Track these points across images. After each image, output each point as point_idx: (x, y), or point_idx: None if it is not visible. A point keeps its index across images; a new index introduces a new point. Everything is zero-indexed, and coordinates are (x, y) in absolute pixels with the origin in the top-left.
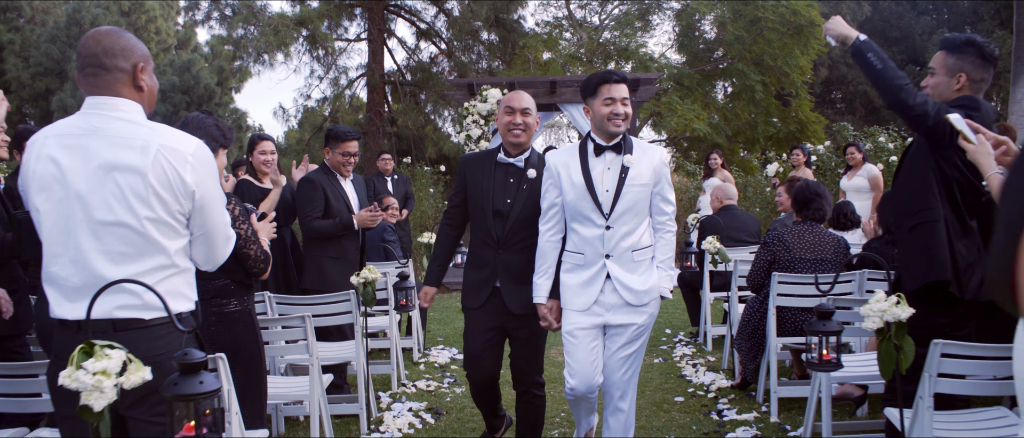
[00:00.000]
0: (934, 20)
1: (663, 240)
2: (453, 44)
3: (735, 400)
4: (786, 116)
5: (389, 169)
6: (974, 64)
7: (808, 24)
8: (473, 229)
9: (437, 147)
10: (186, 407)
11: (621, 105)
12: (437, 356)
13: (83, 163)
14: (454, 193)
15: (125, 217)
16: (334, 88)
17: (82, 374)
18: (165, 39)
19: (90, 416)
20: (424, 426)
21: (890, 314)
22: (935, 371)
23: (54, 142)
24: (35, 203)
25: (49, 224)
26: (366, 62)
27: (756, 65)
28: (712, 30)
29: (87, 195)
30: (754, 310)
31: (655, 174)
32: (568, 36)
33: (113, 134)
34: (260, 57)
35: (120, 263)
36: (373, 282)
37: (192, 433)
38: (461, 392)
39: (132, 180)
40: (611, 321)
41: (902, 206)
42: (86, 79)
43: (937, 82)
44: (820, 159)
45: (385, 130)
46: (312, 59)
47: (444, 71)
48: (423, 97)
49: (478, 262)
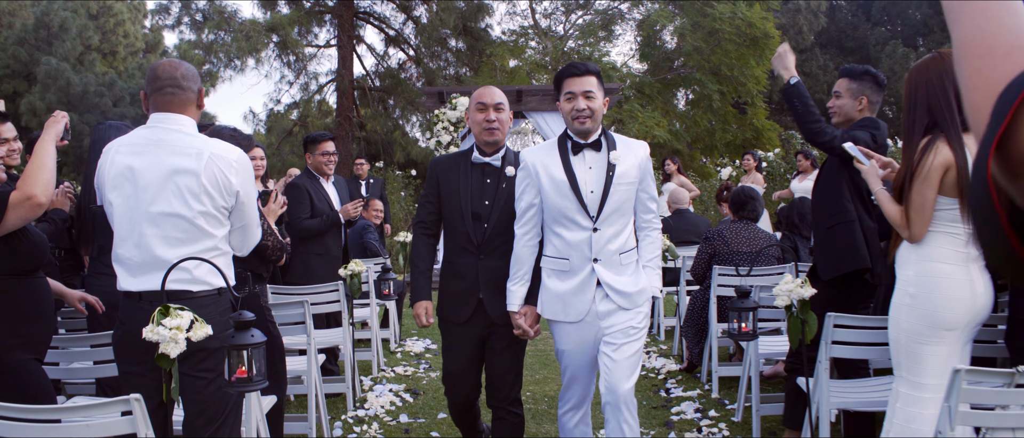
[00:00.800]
0: (888, 31)
1: (648, 239)
2: (421, 51)
3: (682, 381)
4: (743, 123)
5: (364, 173)
6: (872, 89)
7: (763, 36)
8: (449, 236)
9: (405, 152)
10: (239, 355)
11: (583, 100)
12: (412, 346)
13: (150, 167)
14: (425, 199)
15: (181, 210)
16: (304, 93)
17: (162, 329)
18: (133, 43)
19: (165, 362)
20: (403, 404)
21: (796, 293)
22: (830, 339)
23: (126, 150)
24: (109, 198)
25: (120, 215)
26: (336, 68)
27: (714, 75)
28: (672, 40)
29: (152, 192)
30: (697, 300)
31: (640, 171)
32: (534, 44)
33: (174, 144)
34: (232, 62)
35: (175, 247)
36: (359, 274)
37: (244, 375)
38: (436, 376)
39: (189, 181)
40: (606, 327)
41: (820, 209)
42: (162, 98)
43: (843, 104)
44: (770, 165)
45: (354, 135)
46: (282, 64)
47: (412, 77)
48: (392, 103)
49: (456, 271)
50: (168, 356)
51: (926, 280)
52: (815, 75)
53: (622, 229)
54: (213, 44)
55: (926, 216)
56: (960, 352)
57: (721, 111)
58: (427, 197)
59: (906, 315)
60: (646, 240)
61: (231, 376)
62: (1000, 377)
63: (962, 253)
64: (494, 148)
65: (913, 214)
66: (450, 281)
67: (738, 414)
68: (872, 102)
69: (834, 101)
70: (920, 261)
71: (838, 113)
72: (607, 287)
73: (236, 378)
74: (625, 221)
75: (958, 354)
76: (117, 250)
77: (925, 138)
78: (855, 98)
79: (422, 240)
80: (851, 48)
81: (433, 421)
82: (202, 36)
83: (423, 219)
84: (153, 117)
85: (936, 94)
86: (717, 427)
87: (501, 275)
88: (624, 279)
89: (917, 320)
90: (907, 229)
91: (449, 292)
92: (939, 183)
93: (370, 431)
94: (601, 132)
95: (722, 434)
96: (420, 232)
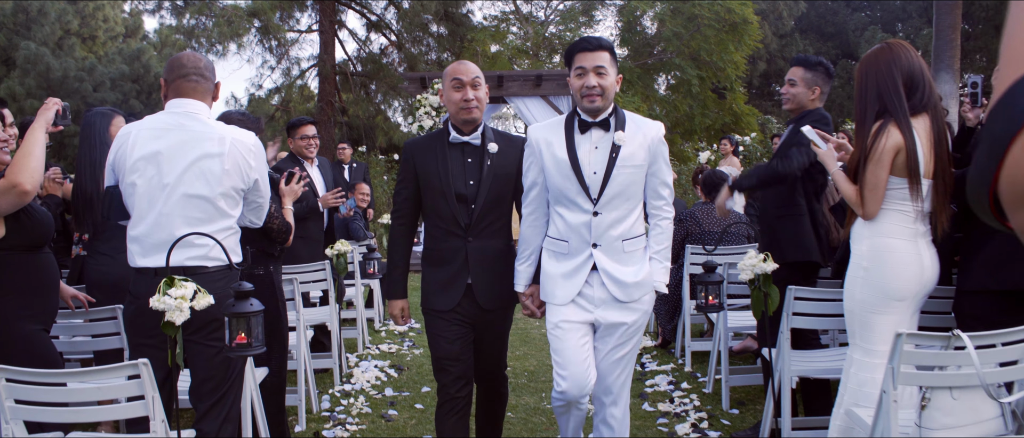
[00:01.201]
0: (867, 17)
1: (658, 228)
2: (403, 36)
3: (657, 356)
4: (722, 108)
5: (347, 157)
6: (824, 80)
7: (742, 22)
8: (431, 220)
9: (387, 136)
10: (239, 322)
11: (594, 76)
12: (396, 325)
13: (175, 150)
14: (401, 184)
15: (205, 192)
16: (286, 78)
17: (168, 299)
18: (113, 27)
19: (170, 329)
20: (388, 379)
21: (758, 268)
22: (791, 311)
23: (148, 134)
24: (131, 180)
25: (141, 195)
26: (317, 53)
27: (694, 60)
28: (653, 25)
29: (177, 175)
30: (670, 278)
31: (650, 153)
32: (515, 29)
33: (196, 129)
34: (213, 47)
35: (195, 226)
36: (345, 254)
37: (244, 341)
38: (420, 353)
39: (213, 165)
40: (600, 319)
41: (771, 198)
42: (186, 84)
43: (797, 92)
44: (747, 148)
45: (336, 120)
46: (264, 50)
47: (394, 62)
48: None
49: (441, 257)
50: (173, 323)
51: (878, 254)
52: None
53: (626, 214)
54: (194, 29)
55: (879, 195)
56: (909, 320)
57: (700, 96)
58: (404, 181)
59: (859, 286)
60: (655, 229)
61: (232, 341)
62: (938, 340)
63: (911, 229)
64: (472, 127)
65: (867, 193)
66: (434, 269)
67: (709, 386)
68: (823, 92)
69: (788, 89)
70: (872, 236)
71: (792, 101)
72: (604, 274)
73: (236, 343)
74: (631, 206)
75: (907, 323)
76: (135, 229)
77: (877, 123)
78: (809, 88)
79: (399, 231)
80: (831, 33)
81: (417, 394)
82: (183, 21)
83: (399, 206)
84: (174, 102)
85: (885, 82)
86: (689, 398)
87: (490, 256)
88: (624, 269)
89: (870, 291)
90: (861, 207)
91: (433, 279)
92: (891, 164)
93: (357, 404)
94: (612, 111)
95: (693, 404)
96: (398, 222)
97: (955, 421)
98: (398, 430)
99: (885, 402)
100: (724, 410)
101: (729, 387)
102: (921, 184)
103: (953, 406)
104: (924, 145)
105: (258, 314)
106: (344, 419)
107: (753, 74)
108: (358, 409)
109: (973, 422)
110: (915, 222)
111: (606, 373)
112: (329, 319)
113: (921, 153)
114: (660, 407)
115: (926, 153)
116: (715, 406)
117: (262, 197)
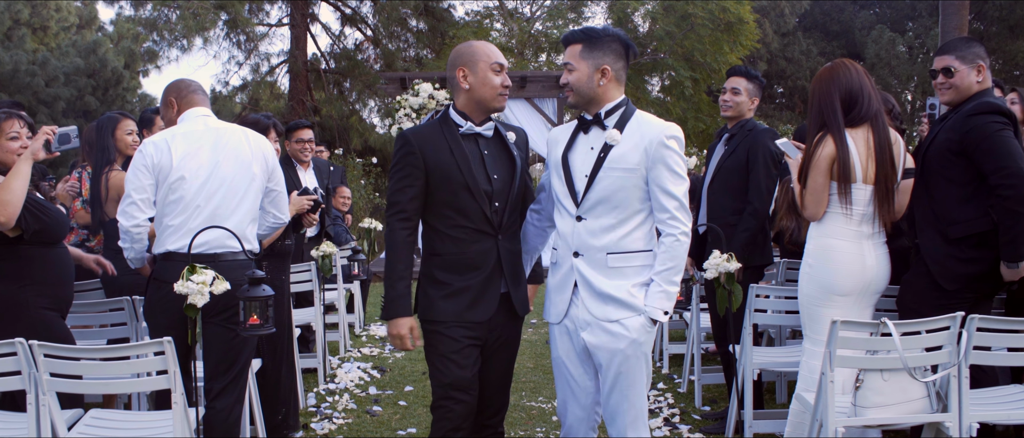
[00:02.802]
0: (874, 15)
1: (663, 245)
2: (379, 31)
3: None
4: (717, 112)
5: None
6: (759, 90)
7: (738, 21)
8: (449, 220)
9: (363, 138)
10: (252, 305)
11: (566, 72)
12: (377, 330)
13: (217, 152)
14: (405, 180)
15: (245, 186)
16: (254, 75)
17: (190, 283)
18: (66, 17)
19: (192, 311)
20: (371, 379)
21: (722, 267)
22: (752, 307)
23: (181, 139)
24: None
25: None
26: (288, 48)
27: (687, 61)
28: (644, 24)
29: (222, 173)
30: None
31: (647, 156)
32: (499, 26)
33: (223, 130)
34: (177, 41)
35: (231, 217)
36: (331, 255)
37: (256, 322)
38: (401, 357)
39: (245, 159)
40: (586, 343)
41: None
42: (196, 97)
43: (741, 101)
44: None
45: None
46: (232, 44)
47: (370, 59)
48: (347, 86)
49: (466, 261)
50: (194, 306)
51: (822, 253)
52: (797, 61)
53: (616, 224)
54: (156, 21)
55: (817, 198)
56: (855, 314)
57: (694, 98)
58: (409, 177)
59: (806, 282)
60: (660, 247)
61: (246, 322)
62: (868, 327)
63: (854, 231)
64: (486, 117)
65: (808, 196)
66: (455, 275)
67: (684, 386)
68: (758, 103)
69: (732, 97)
70: (817, 236)
71: (734, 109)
72: (582, 289)
73: (250, 324)
74: (622, 215)
75: (852, 316)
76: (174, 220)
77: (817, 135)
78: (751, 98)
79: (401, 236)
80: (836, 32)
81: (401, 393)
82: (141, 12)
83: (403, 207)
84: (194, 111)
85: (826, 99)
86: (663, 396)
87: (517, 258)
88: (605, 282)
89: (814, 286)
90: (805, 209)
91: (460, 289)
92: (828, 171)
93: (342, 401)
94: (614, 108)
95: (668, 402)
96: (399, 224)
97: (885, 400)
98: (383, 424)
99: (823, 383)
100: (696, 407)
101: (701, 385)
102: (851, 190)
103: (884, 387)
104: (862, 154)
105: (269, 298)
106: (331, 414)
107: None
108: (343, 405)
109: (903, 401)
110: (859, 224)
111: (608, 418)
112: (314, 319)
113: (858, 161)
114: None
115: (864, 161)
116: (688, 404)
117: (280, 185)
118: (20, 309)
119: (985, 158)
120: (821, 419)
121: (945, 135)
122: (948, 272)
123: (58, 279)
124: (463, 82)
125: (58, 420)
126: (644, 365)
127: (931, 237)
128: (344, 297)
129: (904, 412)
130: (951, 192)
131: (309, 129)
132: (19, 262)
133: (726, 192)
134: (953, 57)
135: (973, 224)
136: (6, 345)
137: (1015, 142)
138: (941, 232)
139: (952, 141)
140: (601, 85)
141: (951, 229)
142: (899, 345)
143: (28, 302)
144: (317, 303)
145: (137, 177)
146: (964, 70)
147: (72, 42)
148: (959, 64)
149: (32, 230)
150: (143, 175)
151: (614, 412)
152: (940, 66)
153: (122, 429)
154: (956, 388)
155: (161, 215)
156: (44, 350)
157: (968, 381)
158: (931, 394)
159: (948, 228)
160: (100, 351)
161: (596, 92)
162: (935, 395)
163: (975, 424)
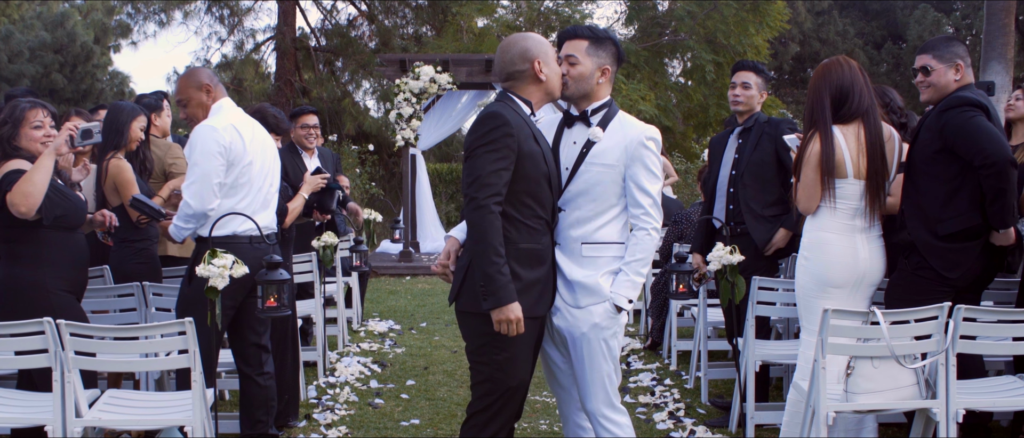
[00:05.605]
0: None
1: (634, 239)
2: (375, 6)
3: (644, 357)
4: None
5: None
6: (767, 84)
7: (764, 1)
8: (532, 211)
9: (357, 122)
10: (270, 287)
11: (566, 64)
12: (375, 326)
13: (263, 140)
14: (502, 161)
15: (277, 170)
16: (238, 52)
17: (212, 267)
18: None
19: (213, 293)
20: (372, 373)
21: (726, 259)
22: (755, 300)
23: (232, 131)
24: (244, 163)
25: (256, 176)
26: (275, 24)
27: (709, 43)
28: (664, 2)
29: (269, 160)
30: (660, 276)
31: (626, 154)
32: (506, 3)
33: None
34: (155, 15)
35: (272, 200)
36: (333, 246)
37: (274, 304)
38: (401, 352)
39: (272, 147)
40: (557, 327)
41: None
42: (222, 89)
43: (752, 95)
44: None
45: (297, 102)
46: (214, 19)
47: (364, 36)
48: (339, 65)
49: (536, 255)
50: (215, 288)
51: (816, 246)
52: (833, 42)
53: (592, 217)
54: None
55: (810, 192)
56: (852, 306)
57: (717, 84)
58: (506, 160)
59: (801, 274)
60: (632, 240)
61: (264, 304)
62: (858, 316)
63: (847, 225)
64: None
65: (800, 190)
66: (530, 269)
67: (690, 382)
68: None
69: (743, 92)
70: (812, 230)
71: (745, 103)
72: (558, 275)
73: (267, 306)
74: (598, 208)
75: (846, 306)
76: (233, 201)
77: (809, 131)
78: (760, 92)
79: (499, 222)
80: (876, 12)
81: (402, 386)
82: None
83: (499, 190)
84: (227, 100)
85: (818, 97)
86: (670, 392)
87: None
88: (577, 269)
89: (809, 278)
90: (799, 203)
91: (530, 282)
92: (819, 166)
93: (343, 393)
94: (601, 106)
95: (673, 397)
96: (497, 208)
97: (875, 387)
98: (386, 416)
99: (816, 370)
100: (702, 402)
101: (708, 380)
102: (835, 185)
103: (874, 374)
104: (853, 150)
105: (285, 281)
106: (332, 405)
107: (784, 58)
108: (345, 397)
109: (892, 388)
110: (851, 218)
111: (582, 396)
112: (314, 311)
113: (850, 157)
114: (640, 399)
115: (855, 157)
116: (694, 399)
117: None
118: (40, 291)
119: (964, 147)
120: (814, 405)
121: (925, 134)
122: (948, 263)
123: (74, 263)
124: (540, 74)
125: (81, 398)
126: (605, 348)
127: (923, 234)
128: (343, 291)
129: (893, 398)
130: (937, 190)
131: (314, 114)
132: (39, 246)
133: (758, 185)
134: (930, 56)
135: (959, 221)
136: (34, 324)
137: (989, 125)
138: (930, 230)
139: (932, 139)
140: (599, 83)
141: (939, 226)
142: (886, 333)
143: (47, 285)
144: (317, 295)
145: (212, 161)
146: (941, 68)
147: (37, 14)
148: (936, 63)
149: (52, 216)
150: (219, 159)
151: (584, 390)
152: (918, 65)
153: (140, 408)
154: (943, 376)
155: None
156: (70, 329)
157: (955, 369)
158: (920, 381)
159: (936, 226)
160: (124, 330)
161: (593, 88)
162: (924, 382)
163: (961, 410)
